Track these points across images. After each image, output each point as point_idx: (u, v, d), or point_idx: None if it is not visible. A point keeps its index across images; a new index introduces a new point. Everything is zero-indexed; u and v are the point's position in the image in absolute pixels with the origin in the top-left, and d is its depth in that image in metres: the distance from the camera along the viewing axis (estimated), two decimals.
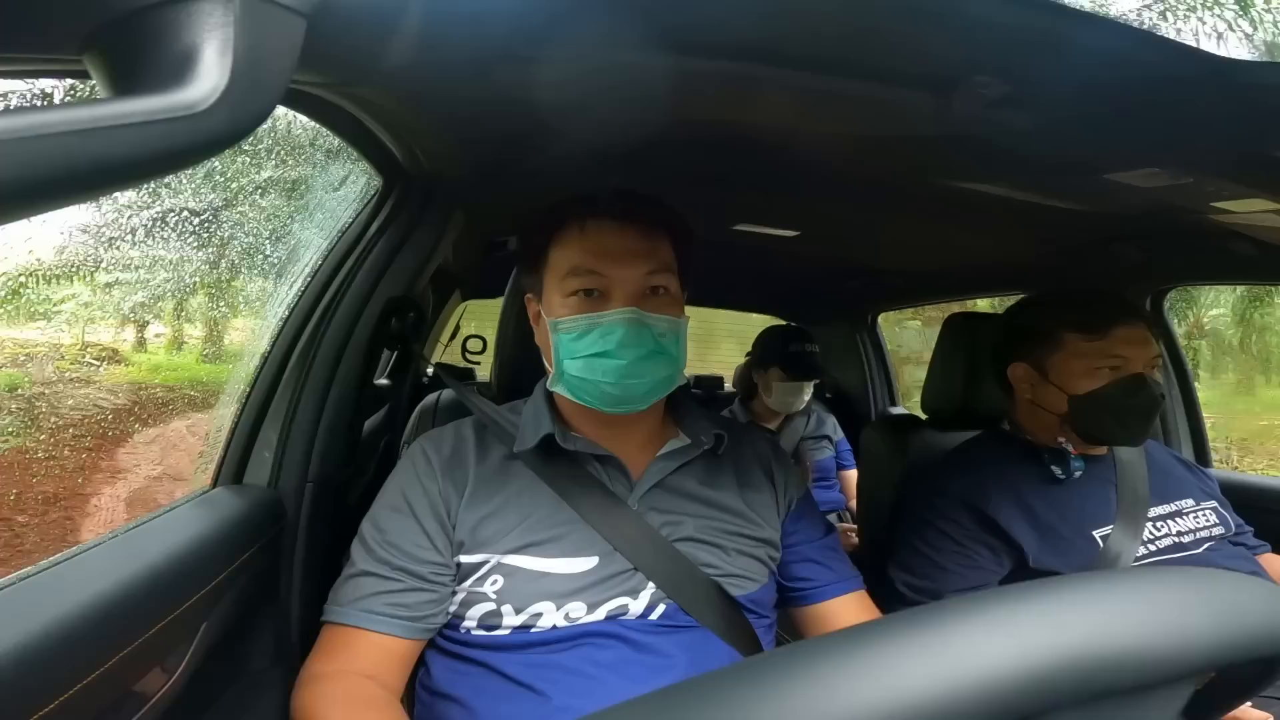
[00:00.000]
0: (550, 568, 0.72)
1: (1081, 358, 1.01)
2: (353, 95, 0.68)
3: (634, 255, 0.75)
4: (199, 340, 6.88)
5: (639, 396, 0.75)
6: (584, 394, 0.76)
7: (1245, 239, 1.10)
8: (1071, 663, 0.23)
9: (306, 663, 0.72)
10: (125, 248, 5.25)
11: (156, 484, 4.07)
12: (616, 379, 0.72)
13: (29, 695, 0.46)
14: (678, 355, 0.77)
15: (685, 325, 0.79)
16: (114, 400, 5.00)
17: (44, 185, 0.23)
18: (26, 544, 3.34)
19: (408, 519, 0.74)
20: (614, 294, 0.74)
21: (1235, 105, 0.62)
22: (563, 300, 0.76)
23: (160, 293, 5.98)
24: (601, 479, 0.77)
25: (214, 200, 5.35)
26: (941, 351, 1.31)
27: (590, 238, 0.75)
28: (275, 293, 1.38)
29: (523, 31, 0.60)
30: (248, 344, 2.05)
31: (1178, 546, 1.02)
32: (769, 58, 0.64)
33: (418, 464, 0.79)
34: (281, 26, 0.31)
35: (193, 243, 5.52)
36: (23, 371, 4.80)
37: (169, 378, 5.94)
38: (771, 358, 2.00)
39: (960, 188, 1.02)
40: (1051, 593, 0.26)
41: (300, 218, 3.15)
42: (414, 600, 0.72)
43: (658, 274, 0.76)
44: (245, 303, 5.92)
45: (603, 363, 0.73)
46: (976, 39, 0.57)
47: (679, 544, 0.75)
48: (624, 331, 0.72)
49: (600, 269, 0.74)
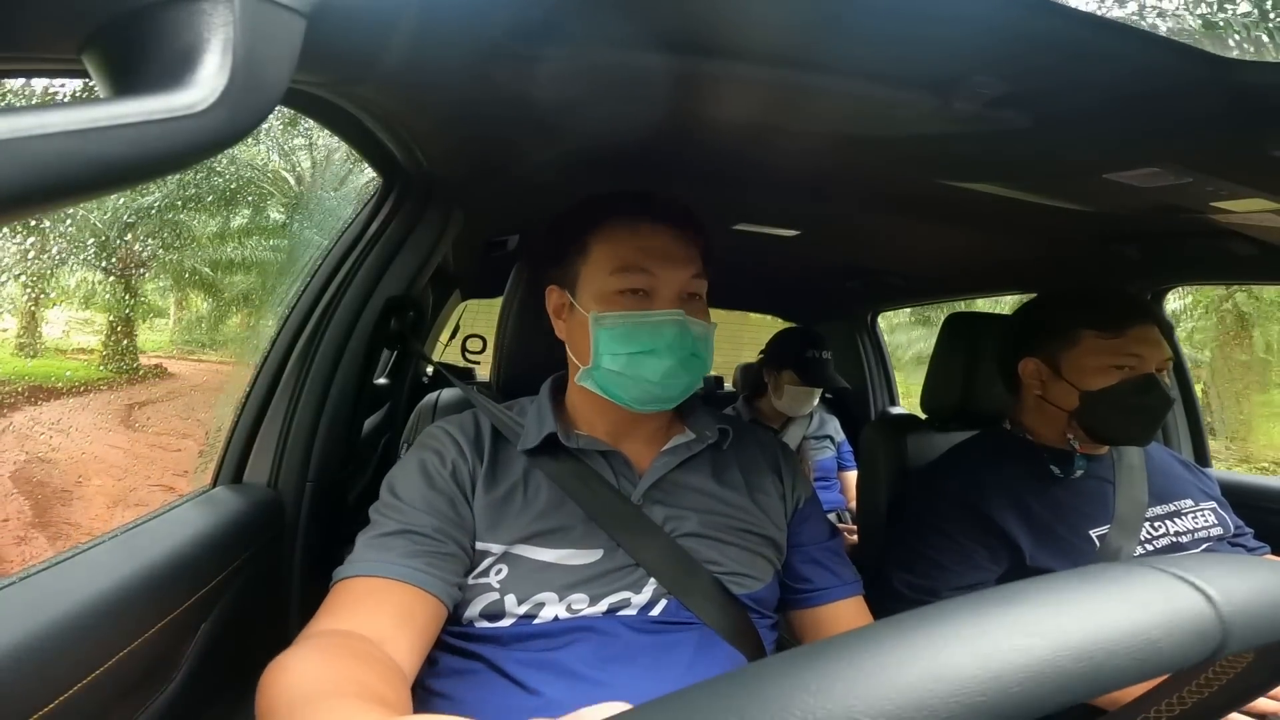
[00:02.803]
0: (555, 559, 0.72)
1: (1097, 355, 1.01)
2: (352, 95, 0.68)
3: (681, 260, 0.77)
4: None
5: (675, 396, 0.77)
6: (619, 390, 0.76)
7: (1245, 239, 1.10)
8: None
9: (307, 625, 0.63)
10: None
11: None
12: (661, 378, 0.74)
13: (29, 695, 0.46)
14: (708, 359, 0.79)
15: (713, 330, 0.81)
16: None
17: (44, 185, 0.23)
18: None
19: (433, 488, 0.73)
20: (659, 295, 0.76)
21: (1235, 105, 0.62)
22: (607, 296, 0.76)
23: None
24: (606, 474, 0.78)
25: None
26: (941, 351, 1.31)
27: (644, 237, 0.77)
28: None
29: (522, 31, 0.60)
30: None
31: (1175, 547, 1.02)
32: (769, 57, 0.64)
33: (441, 440, 0.78)
34: (281, 26, 0.31)
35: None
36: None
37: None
38: (786, 361, 1.99)
39: (960, 188, 1.02)
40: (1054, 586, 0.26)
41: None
42: (446, 551, 0.69)
43: (697, 279, 0.78)
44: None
45: (649, 360, 0.74)
46: (976, 39, 0.57)
47: (682, 539, 0.76)
48: (674, 332, 0.75)
49: (651, 268, 0.76)
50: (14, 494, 4.08)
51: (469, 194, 1.10)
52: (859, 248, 1.67)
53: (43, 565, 0.58)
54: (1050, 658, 0.22)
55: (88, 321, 7.66)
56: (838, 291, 2.25)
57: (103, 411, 5.93)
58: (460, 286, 1.94)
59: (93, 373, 6.63)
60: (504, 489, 0.75)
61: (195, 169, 3.52)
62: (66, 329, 7.74)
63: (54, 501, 4.15)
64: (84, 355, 6.99)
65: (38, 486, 4.24)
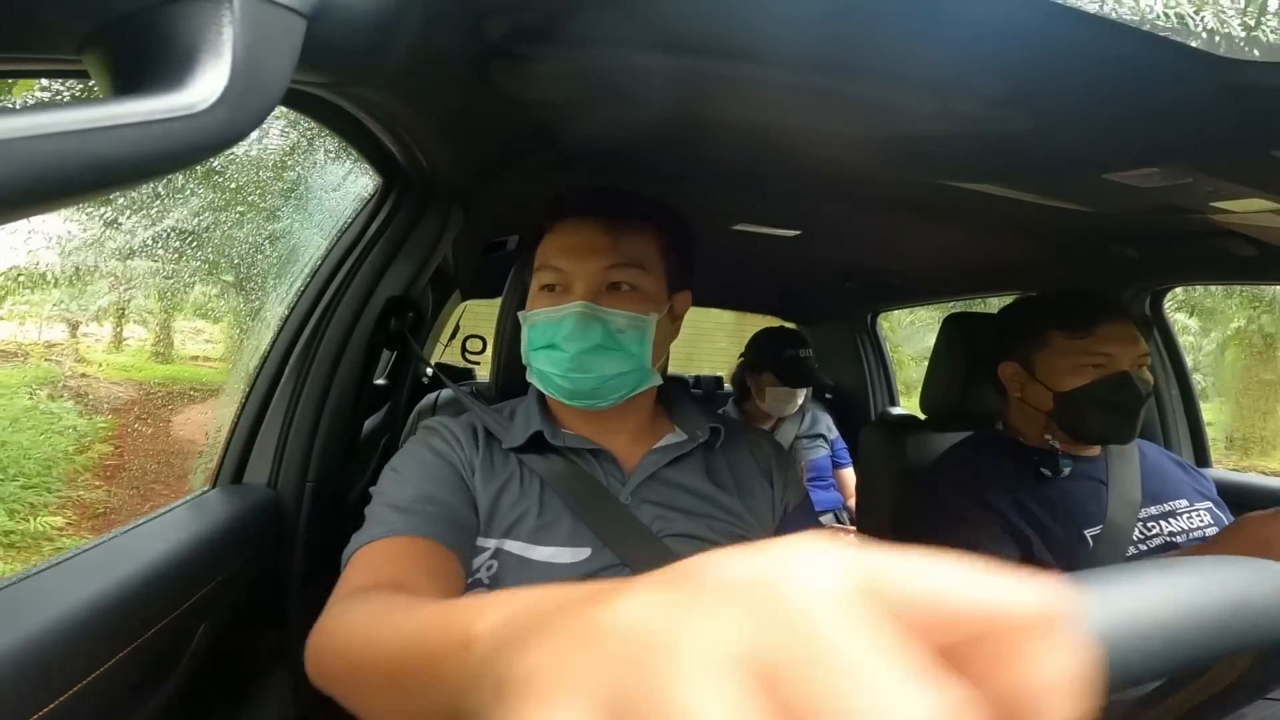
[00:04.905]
0: (543, 556, 0.72)
1: (1066, 355, 1.02)
2: (352, 95, 0.68)
3: (593, 250, 0.75)
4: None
5: (590, 391, 0.76)
6: (546, 386, 0.78)
7: (1244, 239, 1.10)
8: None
9: (334, 592, 0.59)
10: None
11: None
12: (563, 371, 0.74)
13: (29, 695, 0.46)
14: (639, 352, 0.76)
15: (652, 323, 0.77)
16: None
17: (43, 186, 0.23)
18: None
19: (439, 469, 0.73)
20: (572, 288, 0.75)
21: (1235, 105, 0.62)
22: (534, 295, 0.79)
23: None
24: (595, 473, 0.78)
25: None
26: (940, 352, 1.31)
27: (557, 234, 0.78)
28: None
29: (522, 32, 0.60)
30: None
31: (1170, 547, 1.02)
32: (769, 58, 0.64)
33: (443, 433, 0.79)
34: (281, 27, 0.31)
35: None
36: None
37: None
38: (765, 363, 1.98)
39: (960, 188, 1.02)
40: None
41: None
42: (459, 516, 0.69)
43: (620, 269, 0.75)
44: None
45: (551, 354, 0.75)
46: (977, 39, 0.57)
47: (669, 539, 0.75)
48: (572, 323, 0.74)
49: (560, 264, 0.76)
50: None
51: (469, 194, 1.10)
52: (859, 248, 1.67)
53: (43, 565, 0.58)
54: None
55: (198, 330, 8.20)
56: (837, 292, 2.25)
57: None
58: (460, 287, 1.94)
59: (224, 377, 6.99)
60: (498, 484, 0.75)
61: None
62: (183, 338, 8.35)
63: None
64: (207, 362, 7.37)
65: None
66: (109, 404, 5.46)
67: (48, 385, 4.86)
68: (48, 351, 5.74)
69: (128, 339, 7.71)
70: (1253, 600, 0.26)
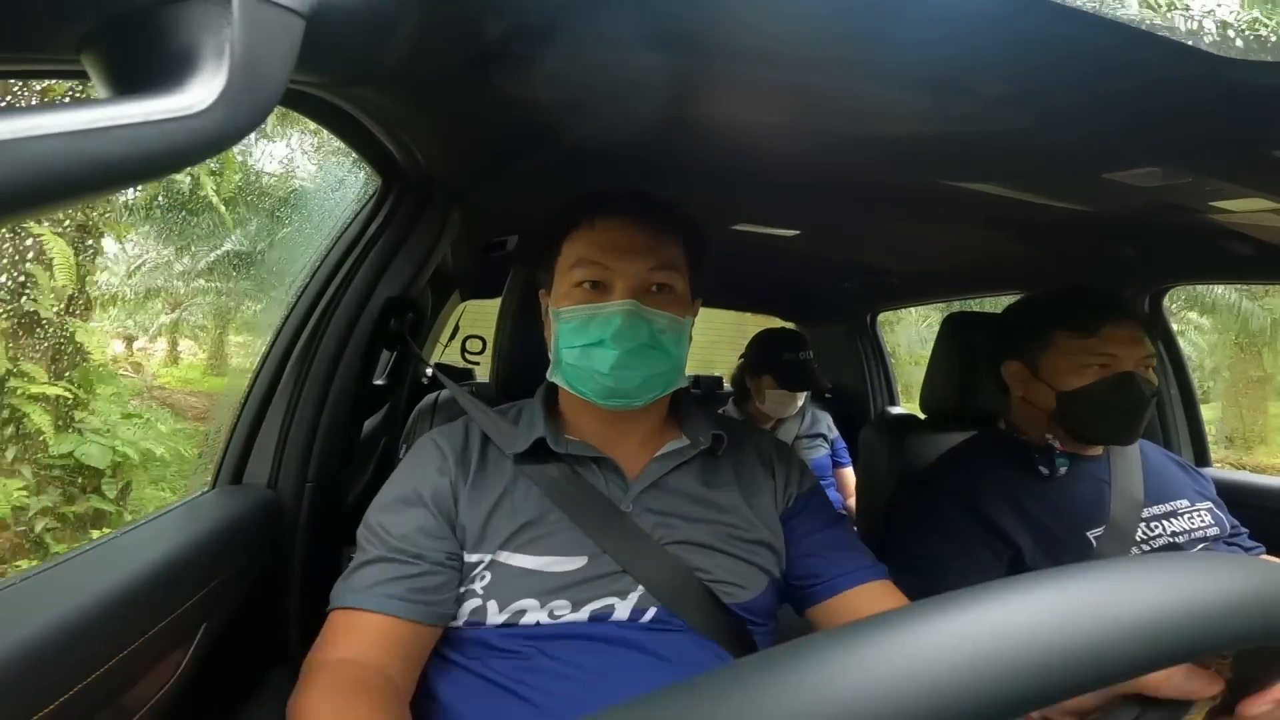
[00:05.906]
0: (538, 565, 0.72)
1: (1070, 355, 1.02)
2: (351, 95, 0.68)
3: (638, 250, 0.76)
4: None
5: (632, 390, 0.76)
6: (580, 384, 0.77)
7: (1244, 238, 1.10)
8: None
9: (311, 651, 0.68)
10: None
11: None
12: (610, 369, 0.74)
13: (29, 695, 0.46)
14: (677, 354, 0.78)
15: (689, 325, 0.79)
16: None
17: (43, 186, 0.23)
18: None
19: (418, 509, 0.74)
20: (616, 287, 0.75)
21: (1235, 105, 0.62)
22: (567, 291, 0.78)
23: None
24: (595, 482, 0.77)
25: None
26: (940, 351, 1.31)
27: (599, 232, 0.77)
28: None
29: (521, 31, 0.60)
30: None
31: (1172, 547, 1.02)
32: (768, 58, 0.64)
33: (430, 455, 0.78)
34: (280, 27, 0.31)
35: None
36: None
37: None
38: (764, 366, 1.97)
39: (960, 188, 1.02)
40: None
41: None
42: (431, 583, 0.70)
43: (661, 270, 0.77)
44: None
45: (598, 352, 0.74)
46: (976, 39, 0.57)
47: (671, 547, 0.75)
48: (621, 321, 0.74)
49: (605, 261, 0.76)
50: None
51: (468, 194, 1.10)
52: (858, 248, 1.67)
53: (43, 566, 0.58)
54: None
55: (244, 344, 8.57)
56: (837, 292, 2.25)
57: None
58: (460, 287, 1.94)
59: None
60: (491, 498, 0.75)
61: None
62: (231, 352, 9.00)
63: None
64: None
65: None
66: (190, 411, 5.91)
67: (135, 396, 5.24)
68: (114, 365, 6.04)
69: (181, 353, 8.08)
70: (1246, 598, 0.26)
